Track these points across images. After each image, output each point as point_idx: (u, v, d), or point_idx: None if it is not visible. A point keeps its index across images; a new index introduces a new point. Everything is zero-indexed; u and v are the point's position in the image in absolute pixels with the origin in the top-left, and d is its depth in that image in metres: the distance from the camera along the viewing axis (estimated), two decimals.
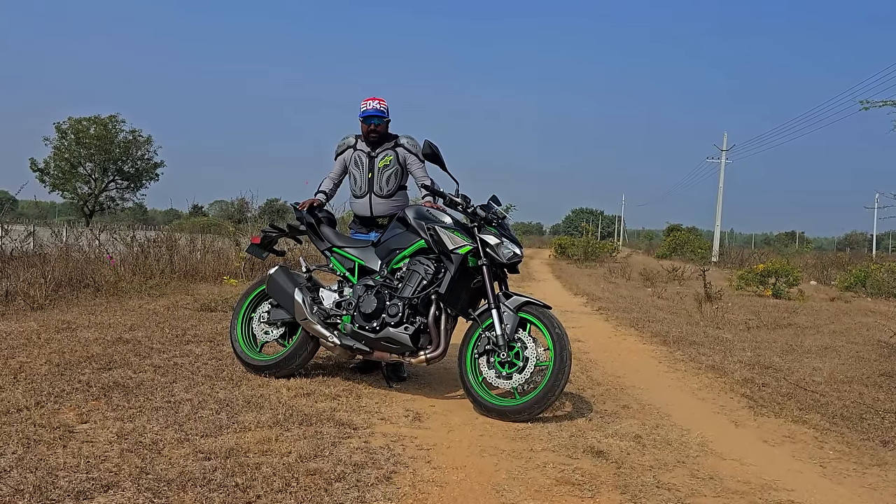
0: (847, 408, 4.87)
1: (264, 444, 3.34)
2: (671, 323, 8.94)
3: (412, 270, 4.46)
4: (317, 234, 4.99)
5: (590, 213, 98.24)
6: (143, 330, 6.11)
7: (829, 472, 3.60)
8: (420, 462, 3.33)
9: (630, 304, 11.35)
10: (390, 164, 5.03)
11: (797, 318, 10.22)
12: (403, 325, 4.37)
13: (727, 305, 11.02)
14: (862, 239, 77.80)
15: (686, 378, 5.73)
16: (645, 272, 18.44)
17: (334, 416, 3.91)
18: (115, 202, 48.46)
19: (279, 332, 4.89)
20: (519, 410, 4.07)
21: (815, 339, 8.14)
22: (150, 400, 3.96)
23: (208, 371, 4.77)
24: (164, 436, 3.36)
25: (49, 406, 3.71)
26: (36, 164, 45.55)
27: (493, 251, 4.30)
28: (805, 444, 4.05)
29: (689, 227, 50.92)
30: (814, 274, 21.49)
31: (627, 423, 4.19)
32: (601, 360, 6.29)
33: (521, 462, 3.41)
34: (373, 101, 5.00)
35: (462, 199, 4.47)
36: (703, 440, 3.97)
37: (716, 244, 39.13)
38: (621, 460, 3.50)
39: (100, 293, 8.25)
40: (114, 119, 46.03)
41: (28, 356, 4.84)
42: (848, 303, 13.51)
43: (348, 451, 3.37)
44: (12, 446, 3.08)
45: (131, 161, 47.69)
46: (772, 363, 6.36)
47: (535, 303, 4.24)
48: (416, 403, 4.42)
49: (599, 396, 4.88)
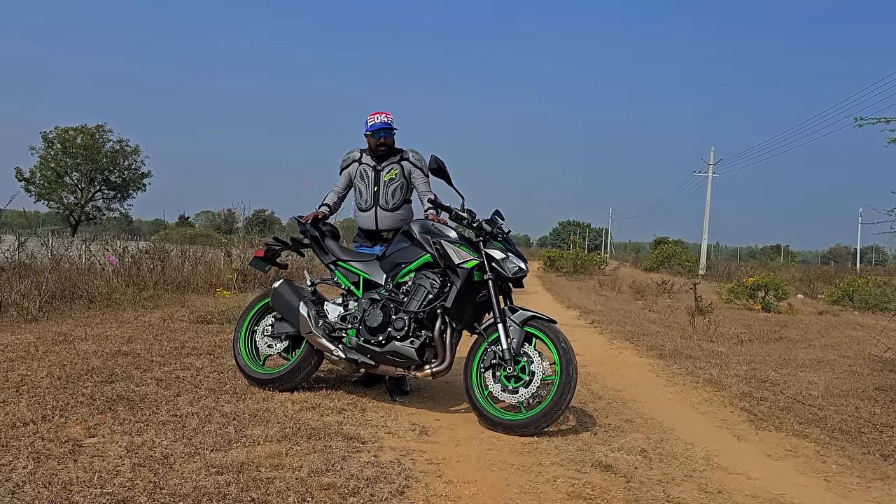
0: (845, 422, 4.93)
1: (275, 458, 3.34)
2: (665, 336, 8.99)
3: (418, 284, 4.48)
4: (321, 248, 5.00)
5: (577, 225, 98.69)
6: (141, 342, 6.07)
7: (833, 486, 3.64)
8: (431, 476, 3.33)
9: (623, 317, 11.41)
10: (396, 178, 5.05)
11: (788, 331, 10.33)
12: (409, 338, 4.38)
13: (718, 319, 11.10)
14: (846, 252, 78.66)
15: (685, 392, 5.77)
16: (634, 285, 18.56)
17: (341, 429, 3.91)
18: (101, 212, 48.16)
19: (283, 346, 4.88)
20: (525, 424, 4.08)
21: (808, 352, 8.23)
22: (156, 413, 3.94)
23: (211, 384, 4.75)
24: (173, 450, 3.35)
25: (55, 420, 3.68)
26: (22, 173, 45.22)
27: (498, 266, 4.33)
28: (808, 458, 4.09)
29: (676, 240, 51.35)
30: (800, 287, 21.71)
31: (632, 437, 4.22)
32: (600, 374, 6.33)
33: (531, 476, 3.43)
34: (380, 115, 5.03)
35: (468, 214, 4.50)
36: (708, 454, 4.00)
37: (703, 257, 39.40)
38: (630, 474, 3.52)
39: (93, 305, 8.20)
40: (101, 129, 45.89)
41: (28, 369, 4.80)
42: (836, 316, 13.66)
43: (359, 465, 3.37)
44: (23, 461, 3.06)
45: (118, 171, 47.47)
46: (768, 377, 6.42)
47: (540, 317, 4.27)
48: (421, 417, 4.42)
49: (602, 410, 4.91)
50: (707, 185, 41.11)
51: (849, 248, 76.84)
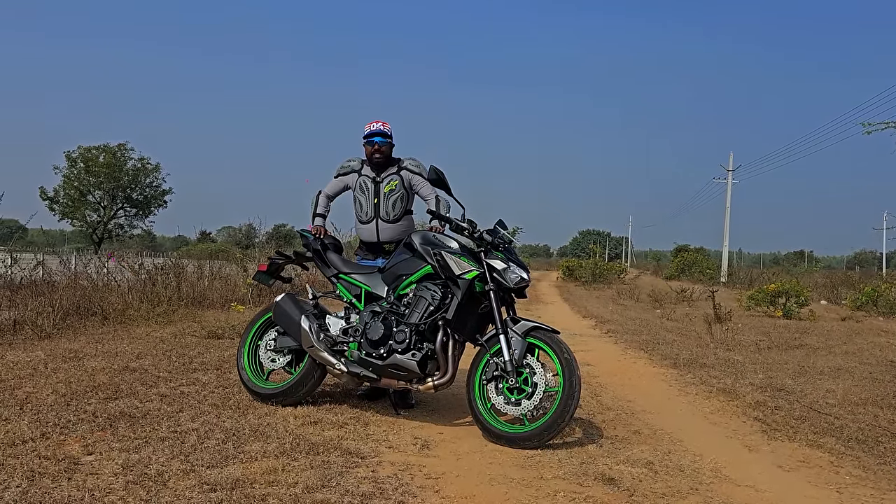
0: (862, 431, 4.79)
1: (270, 474, 3.30)
2: (681, 345, 8.86)
3: (419, 296, 4.44)
4: (323, 261, 4.99)
5: (597, 234, 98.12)
6: (150, 358, 6.09)
7: (846, 498, 3.53)
8: (428, 492, 3.28)
9: (639, 326, 11.28)
10: (396, 189, 5.03)
11: (808, 338, 10.12)
12: (411, 351, 4.34)
13: (737, 326, 10.93)
14: (871, 257, 77.30)
15: (697, 402, 5.66)
16: (653, 293, 18.35)
17: (342, 444, 3.87)
18: (123, 229, 48.76)
19: (286, 360, 4.85)
20: (528, 437, 4.01)
21: (828, 360, 8.05)
22: (156, 430, 3.93)
23: (215, 400, 4.74)
24: (169, 467, 3.32)
25: (54, 437, 3.69)
26: (46, 192, 45.97)
27: (500, 276, 4.28)
28: (821, 469, 3.97)
29: (697, 248, 50.79)
30: (824, 293, 21.34)
31: (639, 449, 4.13)
32: (611, 385, 6.23)
33: (532, 491, 3.36)
34: (376, 123, 5.05)
35: (468, 224, 4.46)
36: (717, 466, 3.90)
37: (724, 264, 38.97)
38: (633, 488, 3.44)
39: (107, 321, 8.25)
40: (123, 147, 46.56)
41: (34, 386, 4.82)
42: (859, 322, 13.38)
43: (356, 480, 3.32)
44: (17, 479, 3.05)
45: (140, 188, 48.11)
46: (784, 385, 6.28)
47: (543, 327, 4.20)
48: (424, 431, 4.37)
49: (610, 422, 4.82)
50: (727, 192, 40.74)
51: (874, 252, 75.54)
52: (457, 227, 4.51)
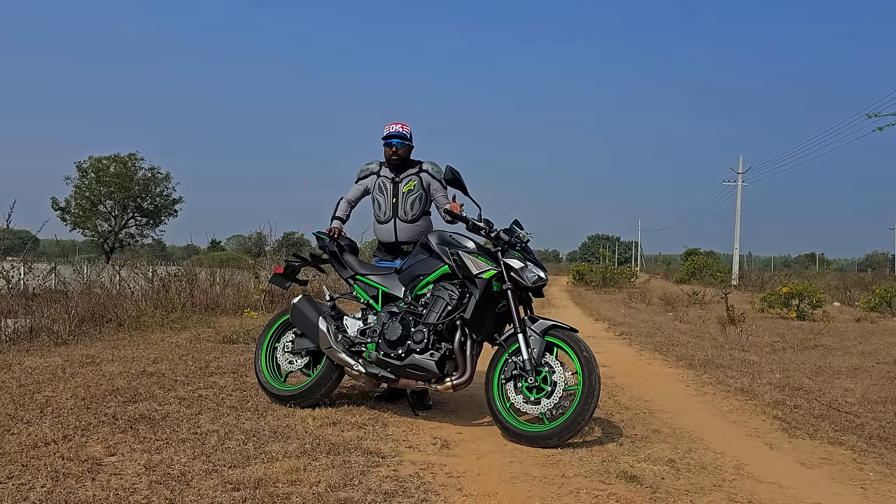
0: (883, 428, 4.75)
1: (293, 473, 3.30)
2: (696, 346, 8.82)
3: (436, 296, 4.44)
4: (340, 263, 4.99)
5: (606, 239, 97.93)
6: (166, 363, 6.11)
7: (871, 493, 3.50)
8: (451, 490, 3.27)
9: (652, 328, 11.23)
10: (414, 189, 5.04)
11: (823, 339, 10.06)
12: (429, 351, 4.33)
13: (751, 328, 10.86)
14: (883, 259, 76.75)
15: (715, 401, 5.63)
16: (665, 297, 18.29)
17: (361, 444, 3.87)
18: (134, 239, 49.06)
19: (303, 362, 4.86)
20: (548, 436, 4.00)
21: (844, 360, 7.99)
22: (177, 431, 3.94)
23: (233, 402, 4.75)
24: (191, 467, 3.33)
25: (76, 439, 3.70)
26: (57, 202, 46.34)
27: (517, 275, 4.27)
28: (844, 466, 3.94)
29: (707, 251, 50.60)
30: (837, 295, 21.21)
31: (659, 448, 4.11)
32: (627, 385, 6.20)
33: (554, 488, 3.34)
34: (396, 125, 5.06)
35: (485, 224, 4.46)
36: (739, 463, 3.88)
37: (735, 267, 38.80)
38: (656, 485, 3.42)
39: (122, 328, 8.29)
40: (133, 157, 46.90)
41: (54, 390, 4.84)
42: (874, 323, 13.29)
43: (378, 479, 3.32)
44: (41, 480, 3.06)
45: (150, 198, 48.41)
46: (802, 385, 6.24)
47: (561, 326, 4.19)
48: (443, 431, 4.36)
49: (628, 421, 4.80)
50: (737, 195, 40.60)
51: (887, 254, 75.07)
52: (473, 227, 4.51)
